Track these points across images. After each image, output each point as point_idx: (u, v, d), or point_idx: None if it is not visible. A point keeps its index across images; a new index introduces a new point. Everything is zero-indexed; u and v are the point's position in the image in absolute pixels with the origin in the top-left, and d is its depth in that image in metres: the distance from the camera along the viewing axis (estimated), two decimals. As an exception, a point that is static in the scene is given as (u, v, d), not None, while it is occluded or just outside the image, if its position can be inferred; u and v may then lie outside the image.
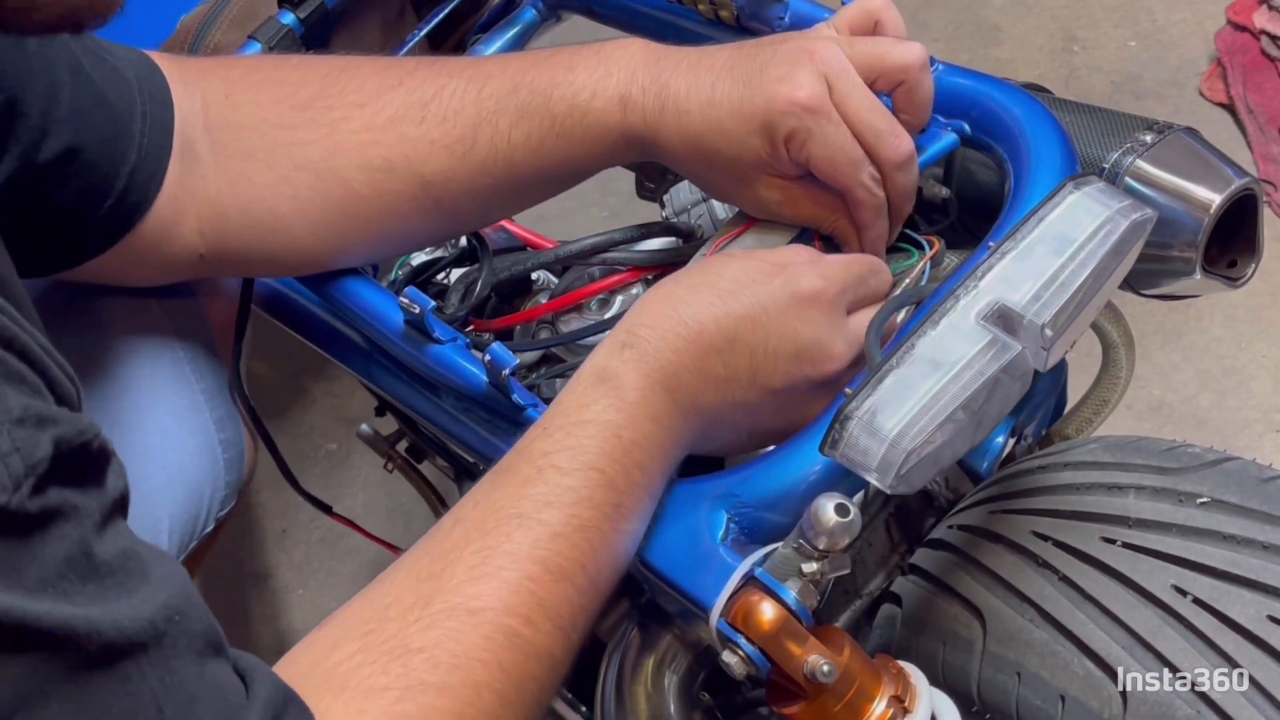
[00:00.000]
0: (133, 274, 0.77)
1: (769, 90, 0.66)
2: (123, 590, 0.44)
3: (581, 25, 1.01)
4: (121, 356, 0.82)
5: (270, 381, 1.73)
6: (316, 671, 0.51)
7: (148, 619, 0.44)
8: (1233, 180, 0.69)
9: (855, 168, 0.67)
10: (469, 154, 0.71)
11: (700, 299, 0.62)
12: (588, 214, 1.75)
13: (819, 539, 0.55)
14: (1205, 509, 0.62)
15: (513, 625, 0.53)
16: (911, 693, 0.57)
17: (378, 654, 0.51)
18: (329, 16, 0.95)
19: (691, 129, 0.68)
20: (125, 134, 0.70)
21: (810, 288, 0.63)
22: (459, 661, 0.51)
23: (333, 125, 0.72)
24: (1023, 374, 0.58)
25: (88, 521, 0.44)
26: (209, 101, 0.74)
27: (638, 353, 0.61)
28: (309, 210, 0.73)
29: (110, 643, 0.42)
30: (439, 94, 0.72)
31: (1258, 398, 1.49)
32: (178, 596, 0.46)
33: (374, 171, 0.72)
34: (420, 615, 0.53)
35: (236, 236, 0.75)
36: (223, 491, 0.87)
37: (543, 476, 0.58)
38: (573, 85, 0.70)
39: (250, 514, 1.63)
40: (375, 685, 0.50)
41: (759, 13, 0.83)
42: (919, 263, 0.72)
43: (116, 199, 0.70)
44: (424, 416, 0.81)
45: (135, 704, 0.43)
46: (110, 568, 0.44)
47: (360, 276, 0.79)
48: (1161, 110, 1.77)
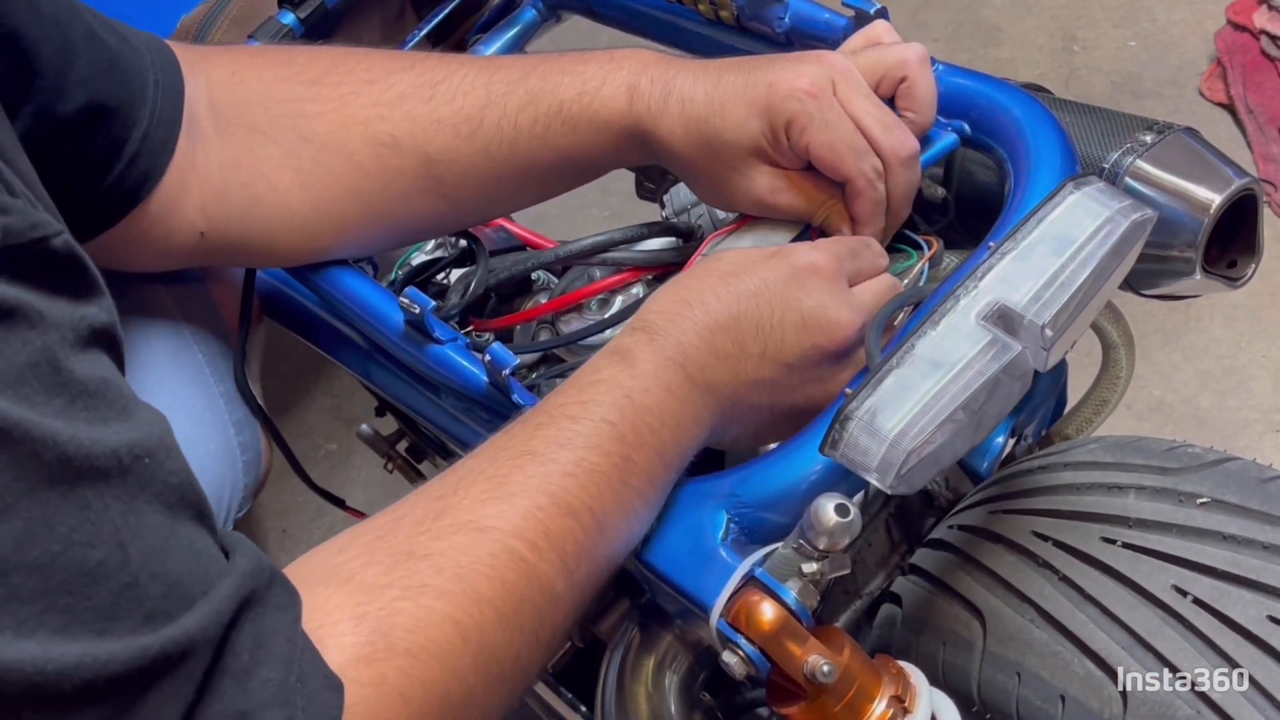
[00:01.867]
0: (135, 254, 0.77)
1: (773, 76, 0.68)
2: (94, 416, 0.42)
3: (581, 25, 1.01)
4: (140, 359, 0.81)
5: (270, 381, 1.73)
6: (321, 568, 0.52)
7: (111, 448, 0.42)
8: (1233, 180, 0.69)
9: (857, 155, 0.68)
10: (475, 135, 0.73)
11: (704, 283, 0.64)
12: (588, 214, 1.75)
13: (819, 539, 0.55)
14: (1205, 509, 0.62)
15: (518, 548, 0.54)
16: (911, 693, 0.57)
17: (384, 555, 0.52)
18: (329, 16, 0.95)
19: (694, 113, 0.69)
20: (139, 99, 0.70)
21: (807, 259, 0.65)
22: (463, 572, 0.52)
23: (341, 99, 0.74)
24: (1023, 374, 0.58)
25: (55, 333, 0.42)
26: (214, 81, 0.75)
27: (649, 334, 0.62)
28: (311, 182, 0.74)
29: (68, 458, 0.40)
30: (449, 76, 0.74)
31: (1258, 398, 1.49)
32: (152, 441, 0.44)
33: (379, 146, 0.73)
34: (430, 527, 0.53)
35: (236, 215, 0.75)
36: (241, 494, 0.87)
37: (555, 423, 0.59)
38: (583, 74, 0.72)
39: (250, 514, 1.62)
40: (378, 582, 0.50)
41: (759, 13, 0.83)
42: (918, 263, 0.72)
43: (128, 163, 0.70)
44: (424, 416, 0.81)
45: (95, 534, 0.41)
46: (82, 388, 0.42)
47: (360, 276, 0.79)
48: (1161, 110, 1.77)
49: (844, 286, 0.66)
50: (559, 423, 0.59)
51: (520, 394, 0.70)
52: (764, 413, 0.65)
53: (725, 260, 0.65)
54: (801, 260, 0.65)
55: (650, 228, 0.82)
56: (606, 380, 0.61)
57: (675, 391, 0.61)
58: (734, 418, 0.65)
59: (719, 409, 0.63)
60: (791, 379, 0.64)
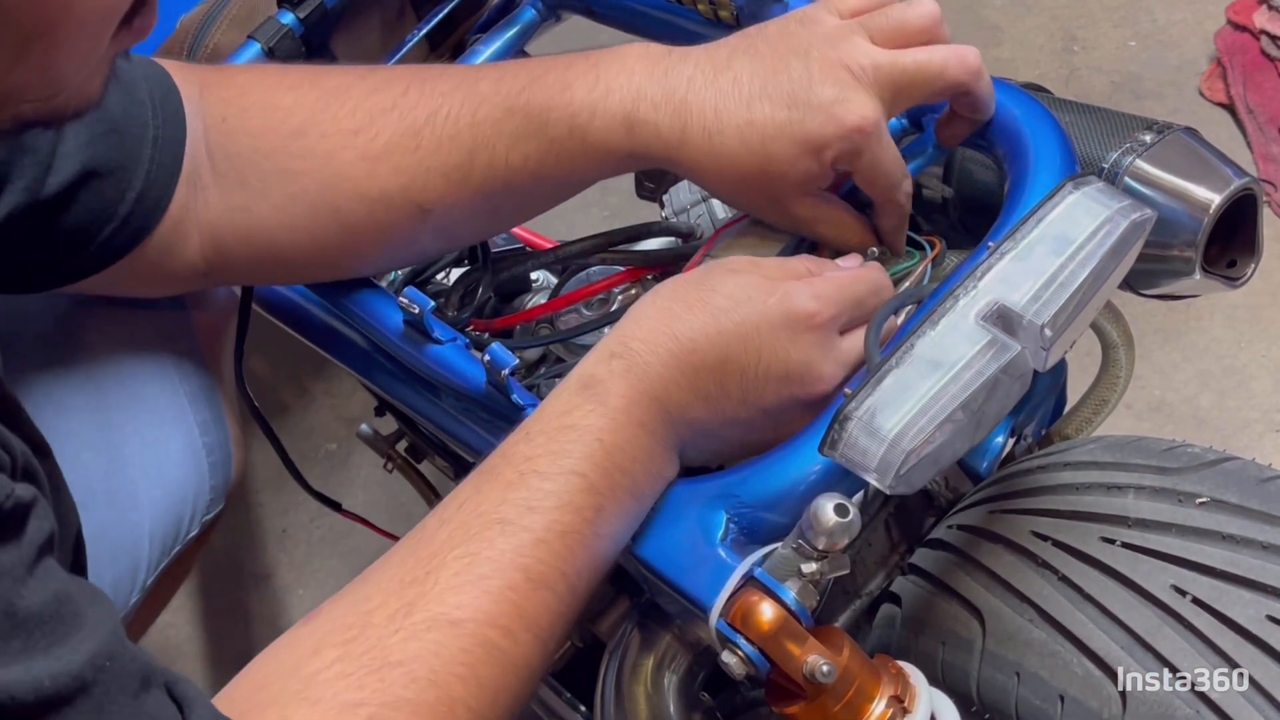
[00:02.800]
0: (134, 288, 0.77)
1: (824, 114, 0.64)
2: (54, 639, 0.44)
3: (581, 25, 1.01)
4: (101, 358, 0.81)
5: (270, 381, 1.73)
6: (295, 678, 0.51)
7: (74, 674, 0.43)
8: (1232, 180, 0.69)
9: (895, 187, 0.68)
10: (467, 180, 0.70)
11: (695, 316, 0.62)
12: (588, 214, 1.75)
13: (818, 539, 0.55)
14: (1205, 509, 0.62)
15: (492, 637, 0.54)
16: (911, 693, 0.57)
17: (356, 665, 0.51)
18: (328, 16, 0.94)
19: (726, 151, 0.66)
20: (134, 159, 0.70)
21: (804, 309, 0.62)
22: (437, 677, 0.52)
23: (328, 156, 0.71)
24: (1022, 374, 0.58)
25: (6, 579, 0.43)
26: (209, 127, 0.73)
27: (626, 363, 0.61)
28: (305, 241, 0.73)
29: (27, 705, 0.41)
30: (432, 118, 0.70)
31: (1258, 398, 1.49)
32: (110, 641, 0.45)
33: (371, 203, 0.71)
34: (402, 625, 0.53)
35: (237, 261, 0.75)
36: (207, 496, 0.87)
37: (525, 481, 0.58)
38: (570, 106, 0.68)
39: (250, 514, 1.63)
40: (351, 700, 0.50)
41: (759, 13, 0.83)
42: (920, 264, 0.72)
43: (120, 223, 0.70)
44: (424, 416, 0.81)
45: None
46: (39, 618, 0.44)
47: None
48: (1161, 110, 1.77)
49: (833, 339, 0.64)
50: (529, 482, 0.57)
51: (520, 394, 0.70)
52: (734, 445, 0.65)
53: (719, 286, 0.63)
54: (800, 308, 0.62)
55: (650, 227, 0.82)
56: (577, 426, 0.59)
57: (648, 425, 0.60)
58: (704, 446, 0.65)
59: (691, 439, 0.63)
60: (766, 421, 0.64)
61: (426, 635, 0.53)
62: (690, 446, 0.64)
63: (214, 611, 1.56)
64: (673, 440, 0.62)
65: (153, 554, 0.83)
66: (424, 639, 0.52)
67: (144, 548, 0.82)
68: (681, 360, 0.61)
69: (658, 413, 0.61)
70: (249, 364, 0.88)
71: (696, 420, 0.62)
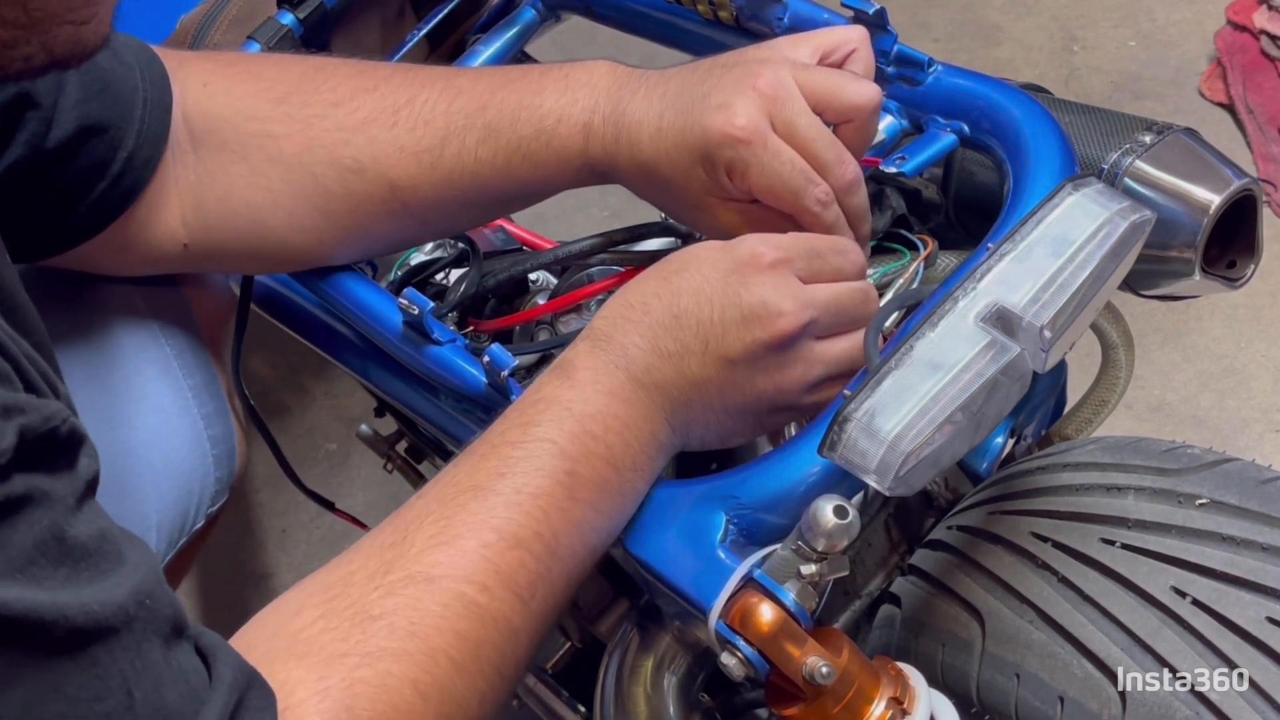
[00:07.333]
0: (118, 262, 0.78)
1: (706, 121, 0.66)
2: (97, 572, 0.45)
3: (581, 25, 1.01)
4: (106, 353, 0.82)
5: (270, 381, 1.73)
6: (280, 636, 0.53)
7: (119, 603, 0.45)
8: (1232, 181, 0.69)
9: (797, 195, 0.66)
10: (436, 165, 0.73)
11: (646, 284, 0.64)
12: (588, 214, 1.75)
13: (818, 541, 0.55)
14: (1204, 510, 0.62)
15: (468, 593, 0.55)
16: (910, 694, 0.57)
17: (339, 620, 0.53)
18: (328, 17, 0.95)
19: (643, 159, 0.69)
20: (125, 119, 0.71)
21: (749, 251, 0.63)
22: (416, 629, 0.53)
23: (307, 121, 0.74)
24: (1021, 375, 0.58)
25: (60, 506, 0.45)
26: (186, 91, 0.75)
27: (592, 342, 0.63)
28: (282, 203, 0.75)
29: (79, 628, 0.43)
30: (411, 101, 0.73)
31: (1258, 398, 1.49)
32: (149, 580, 0.47)
33: (344, 170, 0.74)
34: (381, 583, 0.54)
35: (216, 227, 0.76)
36: (212, 488, 0.87)
37: (496, 452, 0.60)
38: (539, 109, 0.71)
39: (250, 514, 1.63)
40: (336, 651, 0.52)
41: (758, 13, 0.83)
42: (912, 264, 0.72)
43: (111, 181, 0.72)
44: (423, 417, 0.81)
45: (104, 687, 0.44)
46: (85, 549, 0.45)
47: (359, 277, 0.80)
48: (1161, 110, 1.77)
49: (789, 279, 0.63)
50: (501, 451, 0.60)
51: (519, 395, 0.69)
52: (719, 411, 0.64)
53: (673, 259, 0.65)
54: (743, 253, 0.63)
55: (649, 228, 0.82)
56: (546, 398, 0.61)
57: (618, 393, 0.62)
58: (691, 418, 0.64)
59: (670, 408, 0.63)
60: (737, 375, 0.63)
61: (404, 591, 0.54)
62: (679, 421, 0.64)
63: (214, 611, 1.57)
64: (651, 411, 0.63)
65: (159, 546, 0.83)
66: (402, 594, 0.54)
67: (151, 540, 0.82)
68: (636, 324, 0.63)
69: (627, 382, 0.62)
70: (248, 364, 0.88)
71: (667, 384, 0.63)
